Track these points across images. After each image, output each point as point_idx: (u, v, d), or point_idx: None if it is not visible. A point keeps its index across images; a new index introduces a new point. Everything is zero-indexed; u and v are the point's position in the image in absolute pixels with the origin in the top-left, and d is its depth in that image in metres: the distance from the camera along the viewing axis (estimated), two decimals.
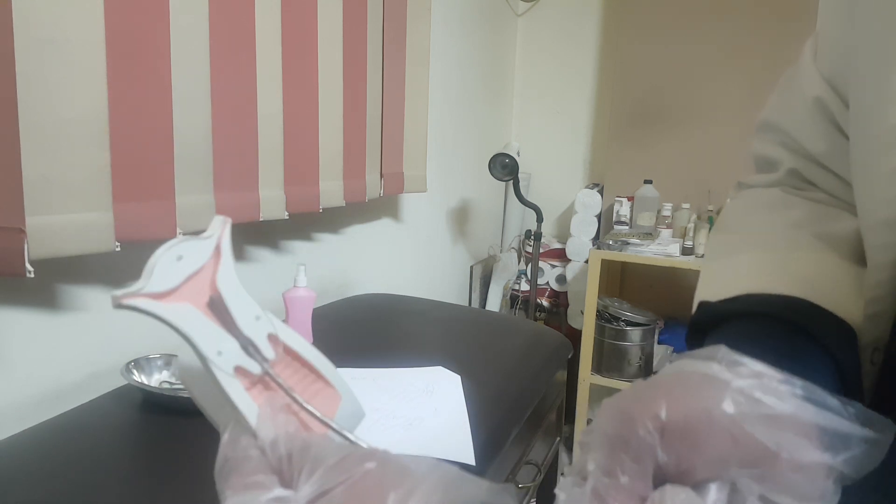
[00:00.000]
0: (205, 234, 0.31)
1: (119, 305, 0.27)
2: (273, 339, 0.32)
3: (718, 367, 0.28)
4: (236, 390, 0.30)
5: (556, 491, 0.29)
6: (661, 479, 0.27)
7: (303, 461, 0.26)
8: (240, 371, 0.30)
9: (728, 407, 0.26)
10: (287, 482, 0.26)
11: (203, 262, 0.31)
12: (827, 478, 0.26)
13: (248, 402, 0.30)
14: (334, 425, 0.31)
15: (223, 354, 0.30)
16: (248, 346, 0.31)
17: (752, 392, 0.26)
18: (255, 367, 0.31)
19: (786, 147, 0.49)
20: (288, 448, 0.27)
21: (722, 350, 0.29)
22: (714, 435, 0.26)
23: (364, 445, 0.30)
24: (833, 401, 0.27)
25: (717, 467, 0.26)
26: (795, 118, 0.48)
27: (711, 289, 0.41)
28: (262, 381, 0.31)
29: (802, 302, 0.36)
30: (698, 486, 0.27)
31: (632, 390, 0.29)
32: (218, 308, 0.31)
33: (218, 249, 0.31)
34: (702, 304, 0.41)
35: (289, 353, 0.33)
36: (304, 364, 0.33)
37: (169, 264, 0.29)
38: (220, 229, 0.32)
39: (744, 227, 0.48)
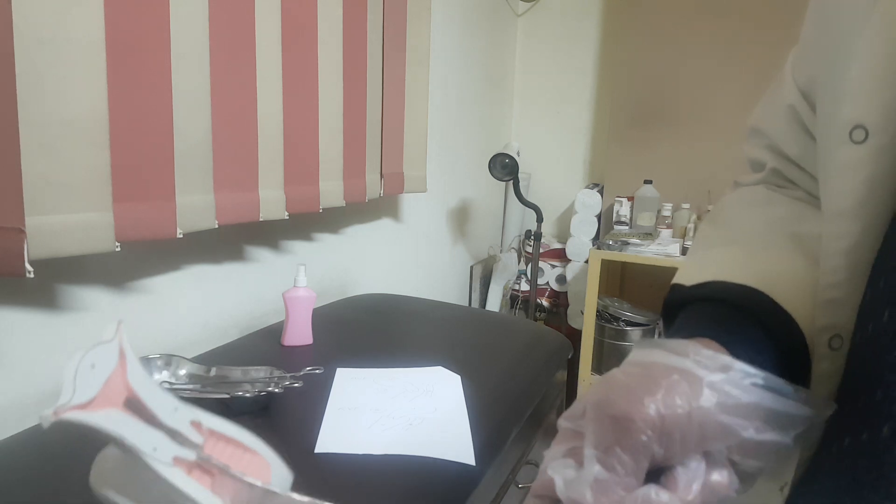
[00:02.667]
0: (105, 339, 0.32)
1: (52, 422, 0.29)
2: (196, 425, 0.34)
3: (692, 364, 0.33)
4: (181, 478, 0.31)
5: (550, 472, 0.32)
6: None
7: None
8: (177, 461, 0.32)
9: (704, 402, 0.32)
10: None
11: (113, 365, 0.32)
12: (777, 451, 0.33)
13: (194, 486, 0.31)
14: (277, 490, 0.33)
15: (158, 449, 0.31)
16: (177, 437, 0.32)
17: (723, 386, 0.33)
18: (189, 455, 0.32)
19: (769, 149, 0.54)
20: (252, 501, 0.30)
21: (691, 346, 0.34)
22: (693, 426, 0.32)
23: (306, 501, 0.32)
24: (787, 388, 0.33)
25: (691, 451, 0.32)
26: (775, 124, 0.52)
27: (686, 274, 0.46)
28: (199, 466, 0.33)
29: (757, 292, 0.41)
30: (674, 464, 0.32)
31: (620, 384, 0.33)
32: (137, 407, 0.32)
33: (122, 351, 0.32)
34: (674, 287, 0.47)
35: (213, 434, 0.34)
36: (230, 441, 0.35)
37: (86, 374, 0.30)
38: (117, 332, 0.32)
39: (729, 222, 0.53)
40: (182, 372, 0.90)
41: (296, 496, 0.31)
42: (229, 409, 0.80)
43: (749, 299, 0.41)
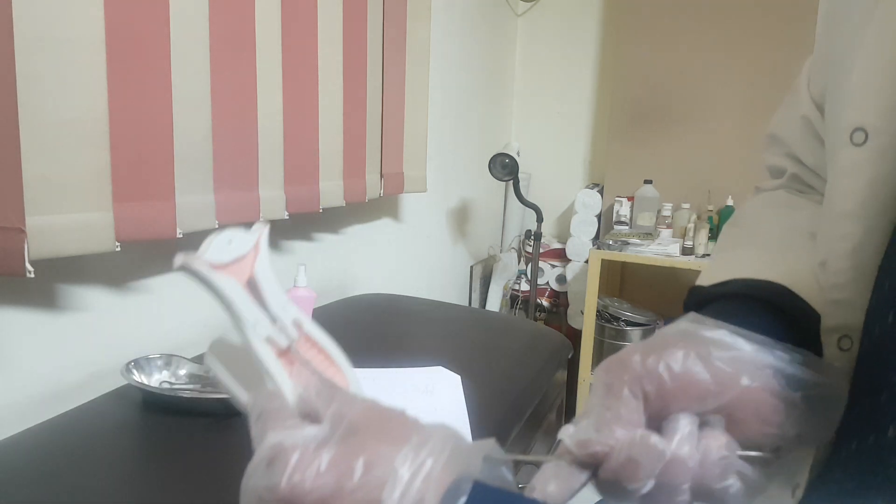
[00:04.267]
0: (251, 230, 0.37)
1: (182, 267, 0.33)
2: (297, 324, 0.37)
3: (689, 324, 0.35)
4: (267, 354, 0.34)
5: (560, 434, 0.34)
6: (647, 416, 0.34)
7: (331, 406, 0.31)
8: (270, 341, 0.35)
9: (700, 349, 0.33)
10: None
11: (247, 250, 0.36)
12: (788, 410, 0.33)
13: (277, 365, 0.34)
14: (345, 389, 0.35)
15: (257, 325, 0.35)
16: (277, 324, 0.36)
17: (719, 338, 0.34)
18: (282, 340, 0.35)
19: (788, 157, 0.55)
20: (316, 397, 0.32)
21: (691, 314, 0.36)
22: (687, 369, 0.33)
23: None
24: (785, 350, 0.34)
25: (692, 401, 0.33)
26: (791, 133, 0.54)
27: (707, 276, 0.46)
28: (286, 355, 0.35)
29: (779, 286, 0.41)
30: (671, 418, 0.33)
31: (624, 350, 0.35)
32: (254, 289, 0.36)
33: (258, 245, 0.37)
34: (693, 289, 0.47)
35: (308, 340, 0.37)
36: (321, 351, 0.38)
37: (222, 244, 0.35)
38: (261, 230, 0.37)
39: (750, 224, 0.54)
40: (182, 372, 0.90)
41: (358, 398, 0.33)
42: (229, 409, 0.80)
43: (770, 292, 0.41)
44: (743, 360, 0.33)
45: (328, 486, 0.27)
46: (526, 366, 1.14)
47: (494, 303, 2.48)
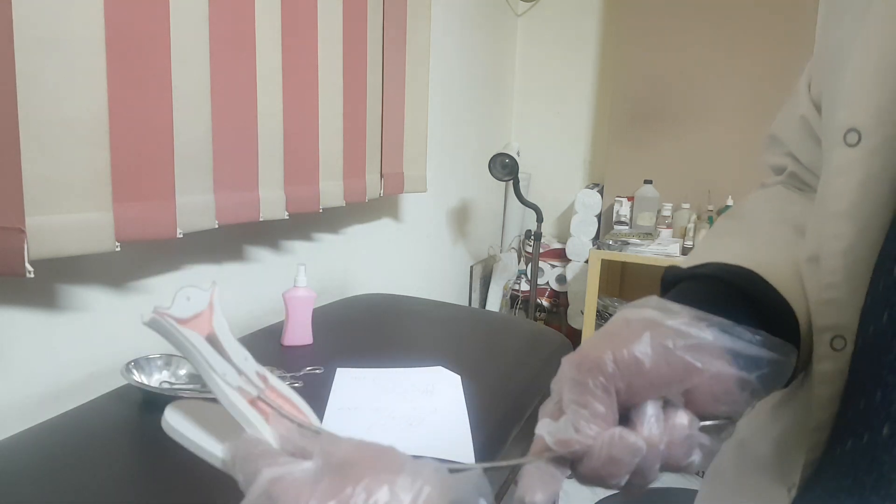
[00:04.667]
0: (205, 288, 0.38)
1: (151, 322, 0.34)
2: (261, 376, 0.38)
3: (653, 312, 0.36)
4: (242, 402, 0.36)
5: (538, 430, 0.35)
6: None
7: (319, 443, 0.32)
8: (240, 391, 0.36)
9: (664, 340, 0.34)
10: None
11: (204, 306, 0.38)
12: (742, 390, 0.35)
13: (253, 412, 0.35)
14: (327, 430, 0.36)
15: (227, 376, 0.36)
16: (243, 376, 0.37)
17: (680, 328, 0.35)
18: (252, 390, 0.36)
19: (788, 156, 0.56)
20: (301, 438, 0.33)
21: (653, 300, 0.37)
22: (654, 363, 0.34)
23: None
24: (744, 332, 0.36)
25: (657, 389, 0.34)
26: (791, 133, 0.55)
27: (688, 259, 0.48)
28: (256, 405, 0.36)
29: (751, 273, 0.42)
30: (638, 406, 0.34)
31: (589, 341, 0.36)
32: (215, 344, 0.37)
33: (212, 302, 0.38)
34: (669, 268, 0.48)
35: (273, 391, 0.38)
36: (287, 401, 0.39)
37: (182, 301, 0.36)
38: (214, 287, 0.39)
39: (743, 214, 0.55)
40: (182, 372, 0.90)
41: (343, 437, 0.34)
42: None
43: (740, 277, 0.42)
44: (702, 347, 0.35)
45: None
46: (526, 366, 1.14)
47: (494, 303, 2.48)
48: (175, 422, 0.37)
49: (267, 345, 1.10)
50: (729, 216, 0.57)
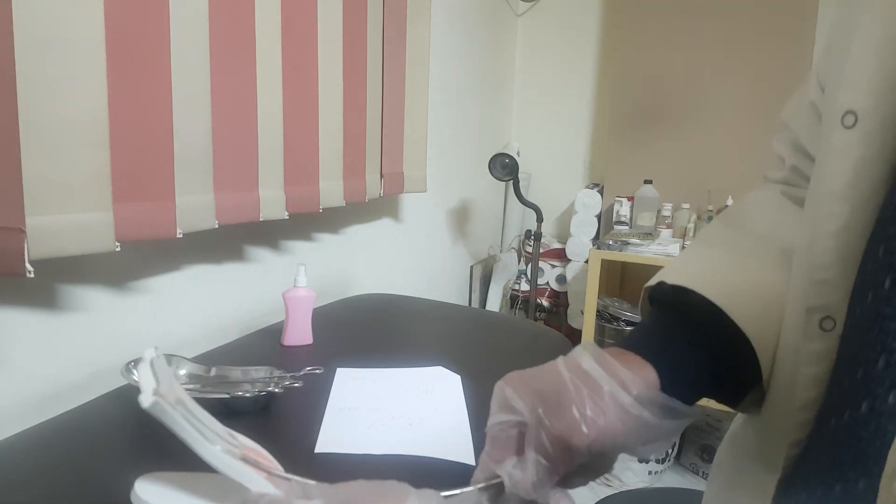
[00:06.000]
0: (151, 354, 0.40)
1: (154, 404, 0.35)
2: (231, 434, 0.40)
3: (591, 365, 0.42)
4: (237, 463, 0.37)
5: (500, 472, 0.42)
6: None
7: (320, 488, 0.35)
8: (229, 453, 0.37)
9: (616, 422, 0.39)
10: None
11: (168, 371, 0.40)
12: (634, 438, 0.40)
13: (249, 470, 0.37)
14: (312, 482, 0.38)
15: (216, 441, 0.37)
16: (221, 437, 0.38)
17: (608, 391, 0.40)
18: (236, 450, 0.38)
19: (793, 145, 0.56)
20: (301, 488, 0.36)
21: (591, 349, 0.43)
22: (571, 434, 0.39)
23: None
24: (657, 411, 0.40)
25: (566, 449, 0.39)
26: (798, 119, 0.55)
27: (673, 271, 0.50)
28: (244, 459, 0.38)
29: (715, 309, 0.44)
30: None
31: (557, 403, 0.41)
32: (185, 408, 0.38)
33: (168, 368, 0.40)
34: (658, 284, 0.51)
35: (246, 446, 0.40)
36: (260, 455, 0.41)
37: (160, 369, 0.38)
38: (156, 356, 0.40)
39: (738, 222, 0.56)
40: (182, 372, 0.90)
41: (327, 485, 0.36)
42: (229, 408, 0.80)
43: (704, 314, 0.45)
44: (643, 425, 0.40)
45: None
46: (526, 366, 1.14)
47: (494, 303, 2.48)
48: (147, 495, 0.38)
49: (267, 345, 1.10)
50: (723, 219, 0.58)
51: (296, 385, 0.86)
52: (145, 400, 0.35)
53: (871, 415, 0.34)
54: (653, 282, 0.51)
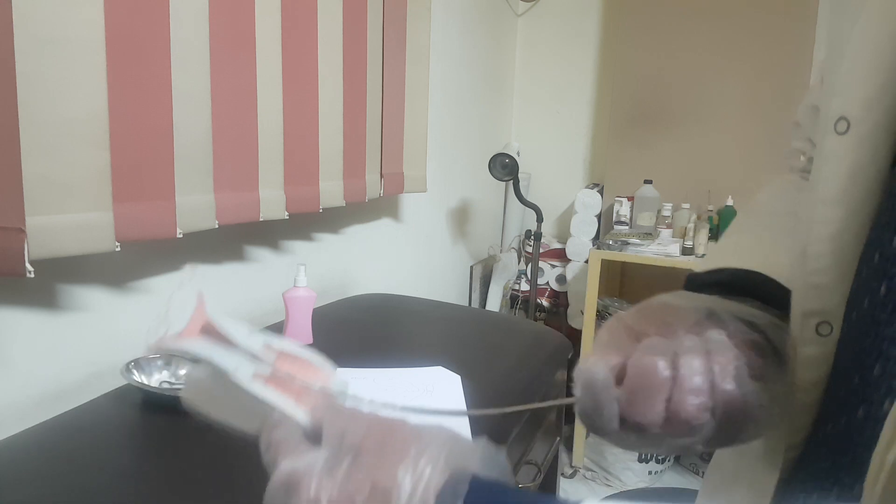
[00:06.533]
0: (184, 280, 0.41)
1: (157, 350, 0.37)
2: (268, 347, 0.39)
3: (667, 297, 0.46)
4: (263, 390, 0.37)
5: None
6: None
7: (334, 428, 0.34)
8: (256, 377, 0.37)
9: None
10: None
11: (194, 303, 0.39)
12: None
13: (277, 395, 0.37)
14: (347, 392, 0.39)
15: (239, 368, 0.37)
16: (253, 357, 0.38)
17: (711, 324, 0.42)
18: (265, 369, 0.38)
19: (808, 141, 0.59)
20: (320, 420, 0.35)
21: (681, 292, 0.45)
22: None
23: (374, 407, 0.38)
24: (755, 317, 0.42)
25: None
26: (809, 120, 0.57)
27: (706, 262, 0.52)
28: (274, 380, 0.38)
29: (759, 275, 0.47)
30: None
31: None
32: (214, 333, 0.39)
33: (199, 293, 0.40)
34: (690, 276, 0.53)
35: (283, 356, 0.40)
36: (298, 361, 0.40)
37: (176, 310, 0.38)
38: (192, 274, 0.40)
39: (758, 210, 0.59)
40: (182, 372, 0.90)
41: (371, 402, 0.36)
42: None
43: (750, 281, 0.47)
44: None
45: None
46: (526, 366, 1.14)
47: (494, 303, 2.48)
48: (202, 403, 0.39)
49: None
50: (744, 211, 0.61)
51: None
52: (150, 349, 0.37)
53: (867, 421, 0.34)
54: (690, 272, 0.53)
